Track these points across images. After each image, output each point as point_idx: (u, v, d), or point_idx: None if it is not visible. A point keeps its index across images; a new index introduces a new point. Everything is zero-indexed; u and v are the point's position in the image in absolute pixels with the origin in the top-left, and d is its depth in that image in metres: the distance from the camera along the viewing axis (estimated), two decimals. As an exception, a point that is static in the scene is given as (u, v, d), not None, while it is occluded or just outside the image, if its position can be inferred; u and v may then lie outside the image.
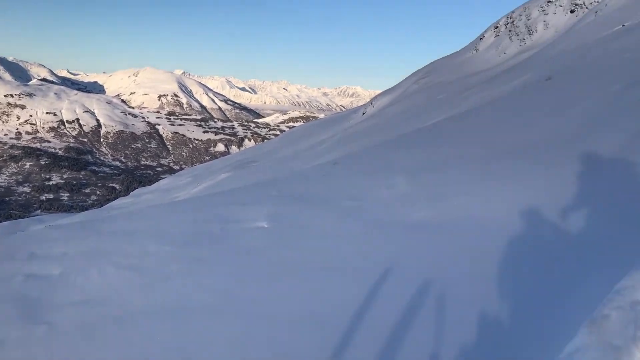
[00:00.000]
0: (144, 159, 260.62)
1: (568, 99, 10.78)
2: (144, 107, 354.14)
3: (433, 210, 6.13)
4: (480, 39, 42.32)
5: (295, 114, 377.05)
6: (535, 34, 37.52)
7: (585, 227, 4.65)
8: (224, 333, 4.04)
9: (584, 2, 36.31)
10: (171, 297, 4.78)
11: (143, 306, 4.67)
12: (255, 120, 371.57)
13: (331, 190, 8.22)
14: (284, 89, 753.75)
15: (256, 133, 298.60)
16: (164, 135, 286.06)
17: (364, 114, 43.20)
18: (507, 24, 40.41)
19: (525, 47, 36.22)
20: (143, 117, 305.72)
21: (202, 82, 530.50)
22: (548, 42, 31.55)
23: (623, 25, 21.67)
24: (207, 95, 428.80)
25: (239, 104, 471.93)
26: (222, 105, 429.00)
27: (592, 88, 10.77)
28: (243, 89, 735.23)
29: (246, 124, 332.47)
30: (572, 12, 36.74)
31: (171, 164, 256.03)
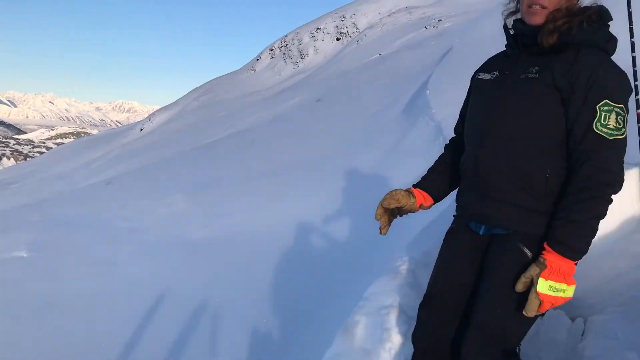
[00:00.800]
0: None
1: (336, 118, 11.67)
2: None
3: (211, 228, 6.05)
4: (257, 60, 43.86)
5: (65, 129, 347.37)
6: (307, 57, 40.17)
7: (353, 236, 4.98)
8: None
9: (347, 32, 39.98)
10: None
11: None
12: (16, 136, 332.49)
13: (104, 212, 7.64)
14: (50, 102, 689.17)
15: (17, 151, 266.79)
16: None
17: (142, 130, 41.52)
18: (282, 47, 42.59)
19: (298, 70, 38.50)
20: None
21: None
22: (318, 66, 33.96)
23: (380, 55, 24.36)
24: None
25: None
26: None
27: (355, 109, 11.82)
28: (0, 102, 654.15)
29: (4, 140, 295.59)
30: (338, 39, 40.21)
31: None
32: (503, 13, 1.99)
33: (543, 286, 1.61)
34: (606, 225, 2.85)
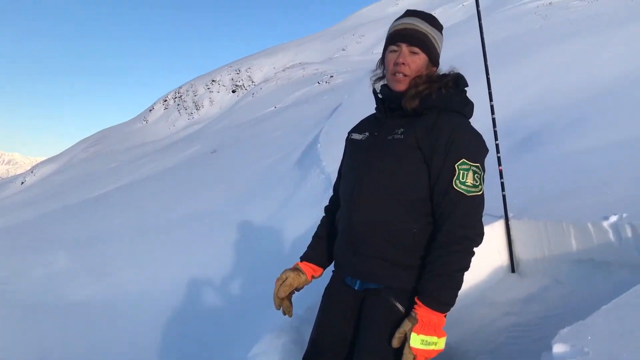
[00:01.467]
0: None
1: (231, 170, 11.64)
2: None
3: (94, 288, 5.72)
4: (150, 110, 42.97)
5: None
6: (202, 109, 39.98)
7: (244, 291, 4.94)
8: None
9: (243, 84, 40.38)
10: None
11: None
12: None
13: (-27, 274, 6.96)
14: None
15: None
16: None
17: (23, 183, 38.86)
18: (176, 98, 42.11)
19: (193, 121, 38.15)
20: None
21: None
22: (214, 118, 33.85)
23: (275, 107, 24.82)
24: None
25: None
26: None
27: (250, 161, 11.87)
28: None
29: None
30: (233, 92, 40.47)
31: None
32: (371, 79, 2.13)
33: (416, 341, 1.68)
34: (476, 275, 3.07)
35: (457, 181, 1.78)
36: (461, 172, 1.79)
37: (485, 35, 3.31)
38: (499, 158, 3.21)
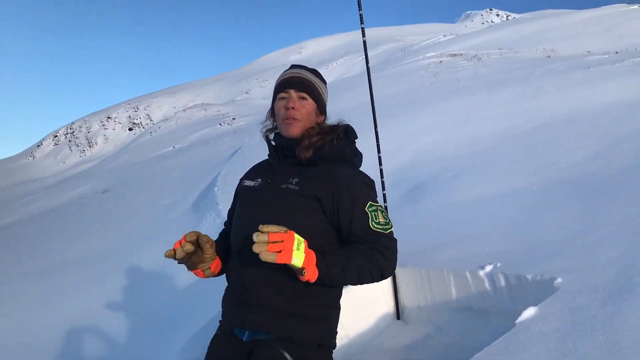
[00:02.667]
0: None
1: (123, 211, 11.15)
2: None
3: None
4: (38, 146, 40.51)
5: None
6: (96, 146, 38.29)
7: (130, 340, 4.68)
8: None
9: (140, 122, 39.31)
10: None
11: None
12: None
13: None
14: None
15: None
16: None
17: None
18: (68, 133, 40.08)
19: (85, 158, 36.39)
20: None
21: None
22: (108, 155, 32.51)
23: (173, 147, 24.29)
24: None
25: None
26: None
27: (145, 202, 11.45)
28: None
29: None
30: (130, 129, 39.22)
31: None
32: (261, 130, 2.18)
33: (299, 236, 1.65)
34: (364, 322, 3.13)
35: (373, 222, 1.86)
36: (373, 214, 1.87)
37: (380, 89, 3.50)
38: (386, 207, 3.33)
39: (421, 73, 15.98)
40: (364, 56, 3.25)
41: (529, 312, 2.18)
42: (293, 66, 2.18)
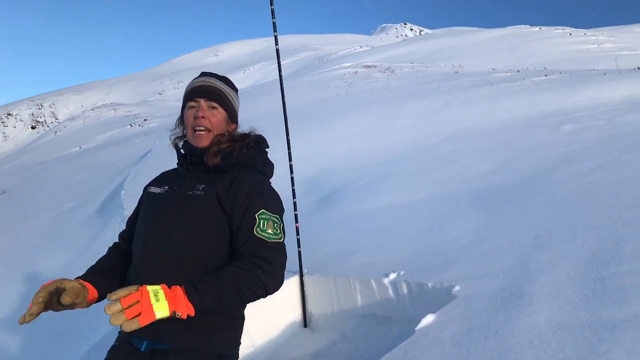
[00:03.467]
0: None
1: (21, 215, 10.47)
2: None
3: None
4: None
5: None
6: (-7, 144, 35.81)
7: (16, 350, 4.42)
8: None
9: (45, 121, 37.23)
10: None
11: None
12: None
13: None
14: None
15: None
16: None
17: None
18: (-39, 129, 37.24)
19: (-19, 157, 33.91)
20: None
21: None
22: (7, 155, 30.50)
23: (80, 148, 23.17)
24: None
25: None
26: None
27: (46, 205, 10.82)
28: None
29: None
30: (33, 128, 37.02)
31: None
32: (170, 137, 2.14)
33: (152, 287, 1.57)
34: (271, 330, 3.12)
35: (258, 229, 1.81)
36: (261, 221, 1.83)
37: (297, 96, 3.54)
38: (296, 215, 3.36)
39: (337, 82, 16.26)
40: (281, 62, 3.27)
41: (428, 319, 2.27)
42: (203, 74, 2.15)
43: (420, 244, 3.38)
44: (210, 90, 2.03)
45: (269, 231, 1.82)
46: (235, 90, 2.18)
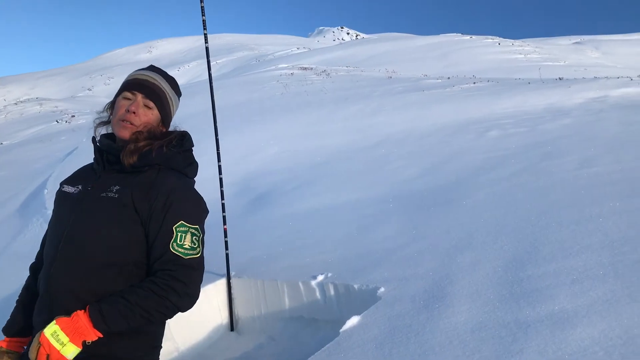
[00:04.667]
0: None
1: None
2: None
3: None
4: None
5: None
6: None
7: None
8: None
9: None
10: None
11: None
12: None
13: None
14: None
15: None
16: None
17: None
18: None
19: None
20: None
21: None
22: None
23: (1, 144, 21.95)
24: None
25: None
26: None
27: (-40, 204, 10.18)
28: None
29: None
30: (-52, 121, 34.77)
31: None
32: (95, 121, 2.02)
33: (49, 329, 1.59)
34: (196, 334, 3.06)
35: (175, 244, 1.75)
36: (179, 234, 1.76)
37: (233, 95, 3.50)
38: (224, 217, 3.30)
39: (273, 83, 16.20)
40: (217, 61, 3.21)
41: (353, 321, 2.29)
42: (152, 68, 2.04)
43: (349, 246, 3.41)
44: (151, 88, 1.93)
45: (186, 246, 1.77)
46: (179, 94, 2.09)
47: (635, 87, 8.99)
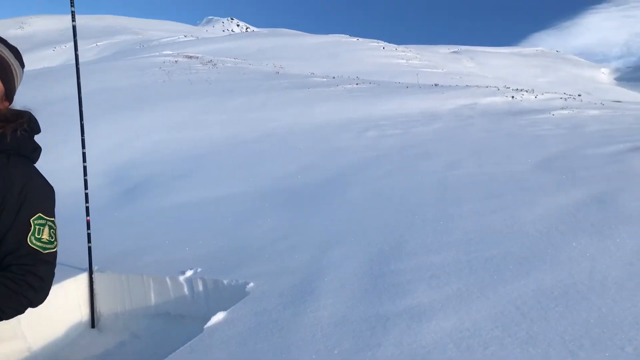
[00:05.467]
0: None
1: None
2: None
3: None
4: None
5: None
6: None
7: None
8: None
9: None
10: None
11: None
12: None
13: None
14: None
15: None
16: None
17: None
18: None
19: None
20: None
21: None
22: None
23: None
24: None
25: None
26: None
27: None
28: None
29: None
30: None
31: None
32: None
33: None
34: (52, 332, 2.85)
35: (33, 237, 1.62)
36: (37, 227, 1.64)
37: (111, 80, 3.29)
38: (87, 208, 3.10)
39: (155, 70, 15.58)
40: (97, 43, 2.98)
41: (218, 317, 2.24)
42: None
43: (223, 241, 3.36)
44: None
45: (44, 239, 1.66)
46: (23, 65, 1.91)
47: (501, 96, 9.75)
